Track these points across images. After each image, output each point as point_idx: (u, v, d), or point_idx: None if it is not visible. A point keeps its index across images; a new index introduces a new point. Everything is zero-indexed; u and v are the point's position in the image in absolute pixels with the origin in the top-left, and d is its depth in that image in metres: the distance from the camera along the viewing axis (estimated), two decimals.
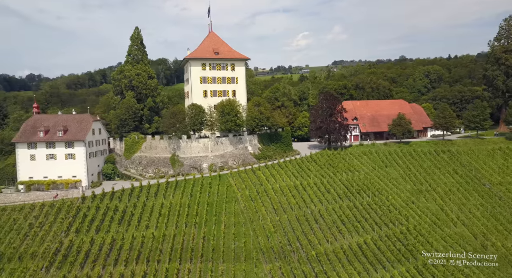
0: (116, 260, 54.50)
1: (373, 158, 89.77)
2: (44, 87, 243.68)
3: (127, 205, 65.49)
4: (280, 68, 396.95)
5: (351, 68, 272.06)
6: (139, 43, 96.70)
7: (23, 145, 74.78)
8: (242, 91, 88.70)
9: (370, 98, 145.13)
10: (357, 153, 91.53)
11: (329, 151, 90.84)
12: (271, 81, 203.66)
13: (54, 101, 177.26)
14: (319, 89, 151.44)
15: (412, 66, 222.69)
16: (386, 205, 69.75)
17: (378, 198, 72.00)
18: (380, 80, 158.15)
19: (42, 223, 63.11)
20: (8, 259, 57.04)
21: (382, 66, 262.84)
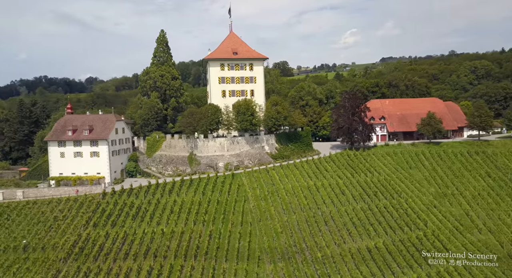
0: (126, 254, 56.98)
1: (397, 158, 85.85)
2: (96, 89, 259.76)
3: (142, 202, 68.11)
4: (324, 67, 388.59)
5: (391, 65, 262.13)
6: (164, 46, 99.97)
7: (54, 143, 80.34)
8: (260, 91, 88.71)
9: (404, 96, 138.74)
10: (381, 153, 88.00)
11: (351, 151, 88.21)
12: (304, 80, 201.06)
13: (100, 102, 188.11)
14: (350, 88, 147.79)
15: (458, 61, 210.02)
16: (404, 208, 66.48)
17: (397, 200, 68.82)
18: (416, 77, 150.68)
19: (66, 216, 67.40)
20: (33, 249, 61.63)
21: (425, 62, 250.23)
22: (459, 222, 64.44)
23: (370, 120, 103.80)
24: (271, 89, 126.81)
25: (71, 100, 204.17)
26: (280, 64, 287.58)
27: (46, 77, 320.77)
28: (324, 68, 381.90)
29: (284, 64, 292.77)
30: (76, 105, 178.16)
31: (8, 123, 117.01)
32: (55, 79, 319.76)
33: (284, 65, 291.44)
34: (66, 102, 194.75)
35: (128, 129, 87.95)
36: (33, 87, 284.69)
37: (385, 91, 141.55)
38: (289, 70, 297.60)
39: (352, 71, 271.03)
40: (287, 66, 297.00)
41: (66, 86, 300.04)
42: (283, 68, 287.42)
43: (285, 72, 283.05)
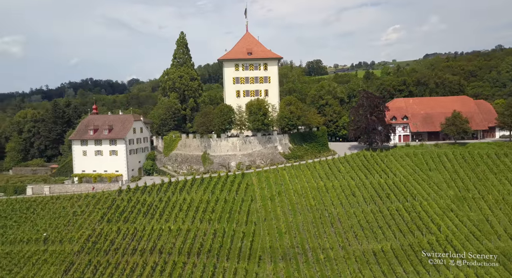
0: (134, 249, 59.09)
1: (417, 160, 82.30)
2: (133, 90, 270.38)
3: (154, 199, 70.26)
4: (362, 64, 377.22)
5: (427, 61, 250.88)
6: (183, 47, 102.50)
7: (77, 142, 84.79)
8: (274, 91, 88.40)
9: (433, 95, 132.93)
10: (399, 154, 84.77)
11: (367, 152, 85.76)
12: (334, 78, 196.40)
13: (133, 102, 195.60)
14: (376, 86, 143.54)
15: (500, 57, 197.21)
16: (417, 212, 63.67)
17: (410, 203, 66.07)
18: (447, 74, 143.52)
19: (83, 212, 70.96)
20: (52, 241, 65.58)
21: (463, 58, 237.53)
22: (477, 227, 60.72)
23: (391, 120, 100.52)
24: (293, 89, 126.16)
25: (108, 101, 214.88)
26: (313, 63, 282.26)
27: (91, 80, 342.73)
28: (362, 66, 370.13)
29: (318, 62, 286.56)
30: (112, 106, 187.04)
31: (44, 123, 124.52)
32: (99, 81, 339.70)
33: (318, 63, 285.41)
34: (102, 103, 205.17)
35: (147, 129, 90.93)
36: (78, 89, 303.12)
37: (413, 89, 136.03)
38: (323, 69, 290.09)
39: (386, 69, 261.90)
40: (320, 64, 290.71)
41: (109, 88, 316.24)
42: (317, 67, 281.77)
43: (318, 71, 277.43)
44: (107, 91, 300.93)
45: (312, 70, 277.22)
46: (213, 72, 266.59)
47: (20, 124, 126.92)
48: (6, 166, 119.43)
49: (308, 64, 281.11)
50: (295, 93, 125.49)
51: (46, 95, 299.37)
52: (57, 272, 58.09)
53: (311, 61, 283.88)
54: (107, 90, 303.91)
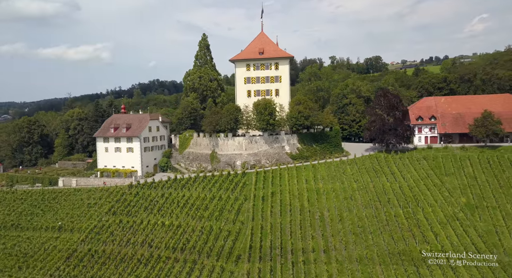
0: (128, 241, 62.63)
1: (434, 163, 76.08)
2: None
3: (157, 195, 73.53)
4: (433, 59, 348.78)
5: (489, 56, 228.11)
6: (205, 49, 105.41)
7: (100, 139, 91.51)
8: (285, 90, 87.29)
9: (478, 92, 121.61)
10: (417, 157, 79.00)
11: (382, 154, 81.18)
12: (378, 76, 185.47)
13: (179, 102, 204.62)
14: (415, 85, 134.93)
15: None
16: (417, 219, 59.15)
17: (412, 209, 61.57)
18: (497, 70, 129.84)
19: (96, 204, 76.56)
20: (65, 230, 71.76)
21: None
22: (482, 238, 54.79)
23: (417, 120, 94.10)
24: (320, 88, 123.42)
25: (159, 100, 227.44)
26: (372, 59, 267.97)
27: (158, 80, 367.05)
28: (433, 61, 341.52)
29: (377, 59, 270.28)
30: (162, 105, 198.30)
31: (87, 121, 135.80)
32: (165, 82, 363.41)
33: (377, 60, 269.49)
34: (156, 102, 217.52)
35: (165, 128, 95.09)
36: (146, 90, 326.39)
37: (454, 87, 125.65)
38: (383, 66, 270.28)
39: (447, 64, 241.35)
40: (380, 61, 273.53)
41: (172, 88, 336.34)
42: (376, 63, 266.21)
43: (377, 68, 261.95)
44: (170, 91, 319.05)
45: (370, 67, 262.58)
46: None
47: (68, 122, 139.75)
48: (54, 160, 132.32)
49: (366, 61, 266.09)
50: (322, 92, 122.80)
51: (118, 95, 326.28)
52: (61, 258, 63.66)
53: (370, 57, 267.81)
54: (170, 90, 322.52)
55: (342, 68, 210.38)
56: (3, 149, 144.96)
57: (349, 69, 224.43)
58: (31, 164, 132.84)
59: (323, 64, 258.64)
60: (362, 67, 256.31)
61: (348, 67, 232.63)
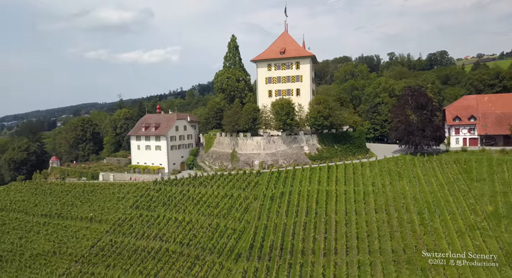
0: (143, 234, 66.74)
1: (466, 168, 70.30)
2: None
3: (176, 191, 77.08)
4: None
5: None
6: (234, 50, 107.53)
7: (133, 137, 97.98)
8: (306, 90, 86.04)
9: None
10: (446, 160, 73.61)
11: (407, 156, 76.85)
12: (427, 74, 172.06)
13: None
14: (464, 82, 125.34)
15: None
16: (433, 227, 55.44)
17: (429, 216, 57.78)
18: None
19: (124, 198, 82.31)
20: (95, 220, 78.22)
21: None
22: (505, 251, 49.87)
23: (454, 120, 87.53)
24: (354, 86, 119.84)
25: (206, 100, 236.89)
26: (436, 54, 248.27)
27: None
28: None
29: (442, 54, 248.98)
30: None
31: (132, 121, 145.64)
32: None
33: (442, 54, 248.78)
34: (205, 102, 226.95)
35: (192, 127, 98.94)
36: (205, 90, 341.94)
37: (508, 84, 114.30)
38: (449, 61, 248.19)
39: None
40: (446, 56, 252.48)
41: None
42: (440, 58, 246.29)
43: (442, 63, 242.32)
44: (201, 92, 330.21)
45: (434, 63, 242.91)
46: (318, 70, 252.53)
47: (116, 121, 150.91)
48: (102, 156, 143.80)
49: (430, 56, 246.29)
50: (356, 91, 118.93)
51: (178, 96, 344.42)
52: (86, 246, 69.74)
53: (433, 52, 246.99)
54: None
55: (397, 65, 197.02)
56: (63, 145, 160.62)
57: (409, 66, 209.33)
58: (84, 159, 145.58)
59: (381, 61, 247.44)
60: (424, 63, 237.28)
61: (409, 64, 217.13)
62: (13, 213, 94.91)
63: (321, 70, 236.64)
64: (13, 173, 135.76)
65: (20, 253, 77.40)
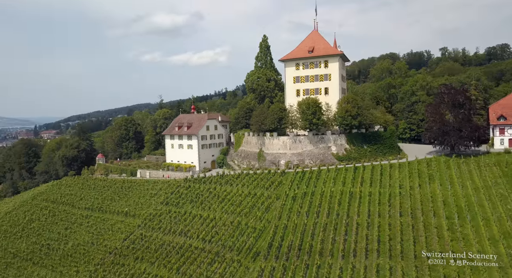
0: (170, 229, 69.59)
1: (508, 171, 65.14)
2: None
3: (204, 189, 79.34)
4: None
5: None
6: (265, 49, 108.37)
7: (167, 136, 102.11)
8: (335, 88, 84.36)
9: None
10: (487, 162, 68.78)
11: (442, 157, 72.91)
12: None
13: None
14: None
15: None
16: (462, 232, 52.36)
17: (460, 222, 54.58)
18: None
19: (156, 194, 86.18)
20: (129, 215, 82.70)
21: None
22: None
23: (498, 120, 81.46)
24: (391, 84, 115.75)
25: None
26: (497, 48, 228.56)
27: None
28: None
29: (503, 47, 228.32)
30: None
31: (170, 120, 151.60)
32: None
33: (503, 48, 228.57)
34: None
35: (223, 127, 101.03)
36: None
37: None
38: (511, 54, 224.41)
39: None
40: (507, 49, 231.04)
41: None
42: (501, 52, 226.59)
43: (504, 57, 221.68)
44: (244, 93, 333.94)
45: (493, 57, 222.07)
46: (363, 67, 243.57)
47: (156, 121, 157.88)
48: (143, 154, 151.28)
49: (488, 50, 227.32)
50: (393, 89, 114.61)
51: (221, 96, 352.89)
52: (120, 239, 74.06)
53: (493, 46, 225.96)
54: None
55: (448, 60, 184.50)
56: (109, 143, 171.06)
57: (464, 61, 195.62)
58: (127, 157, 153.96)
59: (432, 57, 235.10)
60: (481, 58, 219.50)
61: (464, 59, 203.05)
62: (62, 205, 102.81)
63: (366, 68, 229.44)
64: (66, 169, 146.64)
65: (65, 242, 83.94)
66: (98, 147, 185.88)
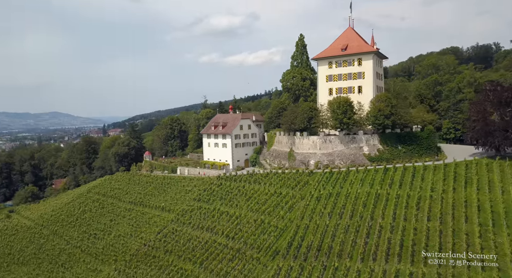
0: (198, 225, 72.38)
1: None
2: None
3: (234, 186, 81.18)
4: None
5: None
6: (301, 48, 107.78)
7: (205, 135, 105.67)
8: (368, 87, 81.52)
9: None
10: None
11: (484, 160, 67.61)
12: None
13: None
14: None
15: None
16: (495, 241, 48.52)
17: (495, 229, 50.52)
18: None
19: (190, 191, 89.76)
20: (165, 210, 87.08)
21: None
22: None
23: None
24: (437, 81, 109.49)
25: None
26: None
27: None
28: None
29: None
30: None
31: None
32: None
33: None
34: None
35: (257, 126, 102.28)
36: None
37: None
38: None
39: None
40: None
41: None
42: None
43: None
44: None
45: None
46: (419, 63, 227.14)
47: (199, 120, 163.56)
48: (187, 152, 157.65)
49: None
50: (439, 87, 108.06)
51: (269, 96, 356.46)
52: (154, 232, 78.46)
53: None
54: None
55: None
56: (156, 141, 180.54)
57: None
58: (172, 154, 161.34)
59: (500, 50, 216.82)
60: None
61: None
62: (110, 198, 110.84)
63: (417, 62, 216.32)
64: (117, 165, 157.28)
65: (108, 233, 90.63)
66: (148, 145, 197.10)
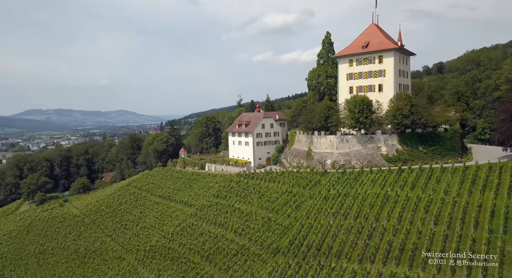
0: (209, 220, 75.09)
1: None
2: None
3: (251, 184, 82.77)
4: None
5: None
6: (327, 46, 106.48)
7: (230, 133, 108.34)
8: (389, 85, 78.55)
9: None
10: None
11: (510, 162, 62.85)
12: None
13: None
14: None
15: None
16: (502, 248, 45.45)
17: (506, 237, 47.26)
18: None
19: (212, 187, 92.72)
20: (187, 204, 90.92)
21: None
22: None
23: None
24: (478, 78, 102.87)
25: None
26: None
27: None
28: None
29: None
30: None
31: None
32: None
33: None
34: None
35: (280, 125, 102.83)
36: None
37: None
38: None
39: None
40: None
41: None
42: None
43: None
44: None
45: None
46: None
47: (233, 119, 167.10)
48: (220, 149, 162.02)
49: None
50: (478, 84, 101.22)
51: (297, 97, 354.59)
52: (173, 224, 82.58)
53: None
54: None
55: None
56: (193, 139, 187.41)
57: None
58: (207, 151, 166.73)
59: None
60: None
61: None
62: (144, 192, 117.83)
63: None
64: (157, 161, 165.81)
65: (136, 224, 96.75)
66: (187, 142, 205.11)
